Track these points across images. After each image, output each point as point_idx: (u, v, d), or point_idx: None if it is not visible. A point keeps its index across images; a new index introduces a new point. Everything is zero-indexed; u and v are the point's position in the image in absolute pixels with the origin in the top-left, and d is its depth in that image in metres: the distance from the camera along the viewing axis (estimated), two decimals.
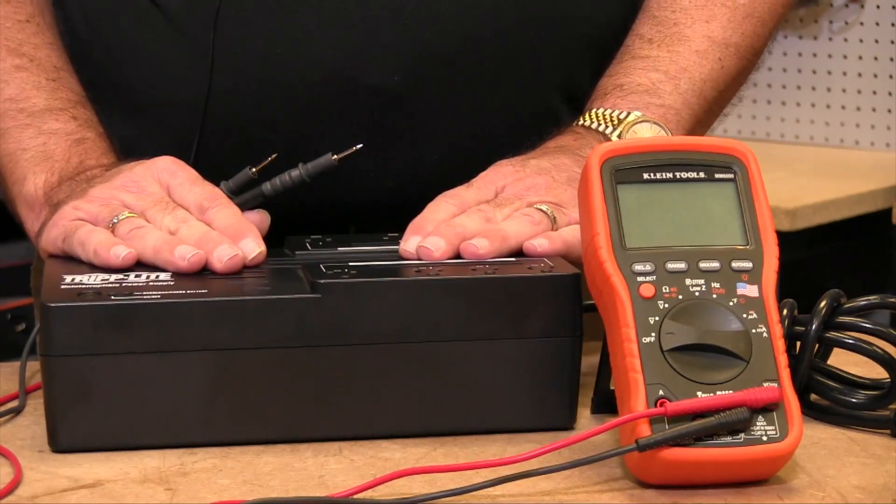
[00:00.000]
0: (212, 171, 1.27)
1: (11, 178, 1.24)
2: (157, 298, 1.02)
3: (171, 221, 1.09)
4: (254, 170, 1.20)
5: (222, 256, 1.06)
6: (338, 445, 1.04)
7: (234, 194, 1.15)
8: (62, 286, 1.05)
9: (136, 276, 1.09)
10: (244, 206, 1.13)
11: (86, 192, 1.18)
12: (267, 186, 1.19)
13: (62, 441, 1.02)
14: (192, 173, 1.15)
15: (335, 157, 1.24)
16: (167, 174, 1.11)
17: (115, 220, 1.10)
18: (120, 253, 1.13)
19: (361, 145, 1.25)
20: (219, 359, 1.03)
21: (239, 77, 1.36)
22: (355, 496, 0.92)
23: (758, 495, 0.95)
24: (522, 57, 1.39)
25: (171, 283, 1.07)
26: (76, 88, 1.31)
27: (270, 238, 1.24)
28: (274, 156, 1.23)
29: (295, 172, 1.22)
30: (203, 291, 1.04)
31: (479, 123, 1.33)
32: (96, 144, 1.24)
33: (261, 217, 1.15)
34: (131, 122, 1.23)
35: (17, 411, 1.12)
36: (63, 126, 1.25)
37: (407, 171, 1.25)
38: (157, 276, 1.08)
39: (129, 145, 1.19)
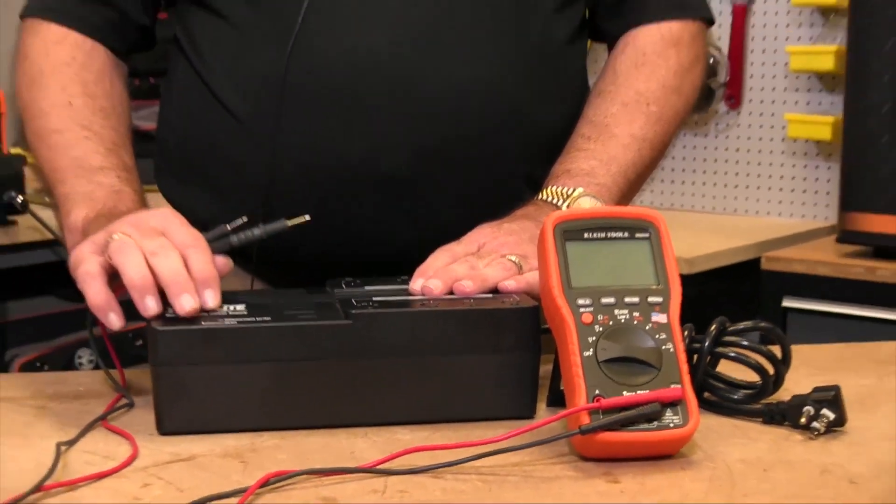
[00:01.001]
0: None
1: (63, 211, 1.26)
2: (234, 324, 1.03)
3: (152, 245, 1.07)
4: (228, 226, 1.20)
5: (184, 305, 1.04)
6: (364, 430, 1.08)
7: (209, 241, 1.14)
8: (166, 314, 1.06)
9: (227, 310, 1.09)
10: (215, 251, 1.12)
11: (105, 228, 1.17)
12: (234, 238, 1.18)
13: (166, 426, 1.06)
14: (184, 221, 1.13)
15: (288, 222, 1.25)
16: (165, 219, 1.10)
17: (109, 240, 1.09)
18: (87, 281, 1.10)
19: (308, 217, 1.25)
20: (278, 368, 1.07)
21: (294, 169, 1.39)
22: (378, 466, 0.94)
23: (666, 466, 0.99)
24: (498, 154, 1.44)
25: (245, 313, 1.09)
26: (126, 158, 1.35)
27: (316, 281, 1.26)
28: (244, 219, 1.22)
29: (257, 231, 1.23)
30: (267, 319, 1.06)
31: (465, 200, 1.38)
32: (130, 197, 1.26)
33: (225, 261, 1.14)
34: (209, 199, 1.23)
35: (129, 405, 1.13)
36: (108, 181, 1.27)
37: (413, 234, 1.26)
38: (235, 308, 1.09)
39: (205, 218, 1.18)
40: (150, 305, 1.06)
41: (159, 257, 1.07)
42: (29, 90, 1.41)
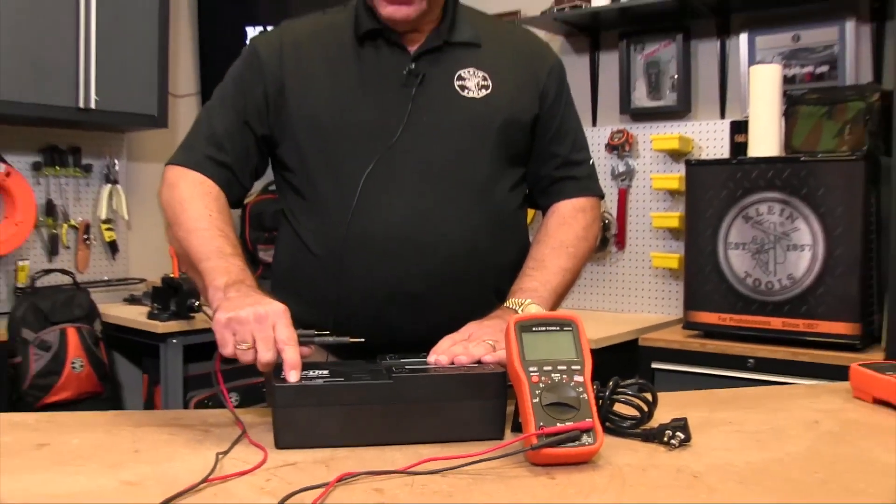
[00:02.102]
0: (340, 328, 1.26)
1: (208, 279, 1.21)
2: (320, 383, 1.05)
3: (258, 340, 1.09)
4: (314, 332, 1.18)
5: (290, 378, 1.06)
6: (398, 447, 1.05)
7: (300, 336, 1.13)
8: (281, 374, 1.07)
9: (315, 374, 1.08)
10: (302, 343, 1.12)
11: (234, 302, 1.15)
12: (316, 339, 1.18)
13: (280, 444, 1.05)
14: (289, 319, 1.12)
15: (350, 340, 1.22)
16: (277, 316, 1.09)
17: (243, 346, 1.09)
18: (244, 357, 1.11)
19: (363, 339, 1.23)
20: (347, 409, 1.06)
21: (352, 290, 1.38)
22: (408, 469, 0.94)
23: (583, 468, 0.97)
24: (476, 280, 1.43)
25: (327, 375, 1.09)
26: (242, 254, 1.30)
27: (370, 356, 1.24)
28: (328, 332, 1.22)
29: (330, 339, 1.21)
30: (341, 379, 1.07)
31: (458, 308, 1.34)
32: (249, 276, 1.20)
33: (309, 350, 1.15)
34: (299, 307, 1.22)
35: (243, 432, 1.08)
36: (237, 263, 1.23)
37: (427, 328, 1.24)
38: (320, 372, 1.09)
39: (297, 315, 1.17)
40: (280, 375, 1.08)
41: (266, 359, 1.09)
42: (180, 204, 1.35)
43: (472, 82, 1.43)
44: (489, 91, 1.43)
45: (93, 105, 3.24)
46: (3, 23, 3.01)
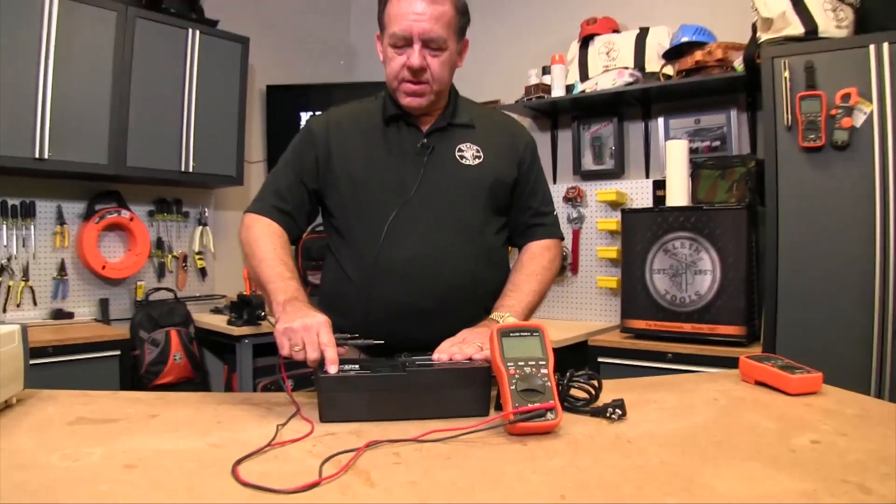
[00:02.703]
0: (367, 334, 1.25)
1: (272, 297, 1.19)
2: (353, 374, 1.04)
3: (307, 343, 1.07)
4: (347, 335, 1.16)
5: (330, 370, 1.04)
6: (411, 422, 1.02)
7: (338, 339, 1.11)
8: (324, 368, 1.06)
9: (349, 368, 1.06)
10: (339, 345, 1.10)
11: (290, 315, 1.13)
12: (350, 342, 1.16)
13: (323, 419, 1.04)
14: (329, 327, 1.11)
15: (374, 341, 1.21)
16: (320, 326, 1.07)
17: (295, 348, 1.07)
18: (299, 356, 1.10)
19: (383, 341, 1.22)
20: (374, 394, 1.04)
21: (379, 307, 1.36)
22: (419, 437, 0.94)
23: (547, 437, 0.97)
24: (472, 300, 1.40)
25: (358, 368, 1.07)
26: (298, 278, 1.29)
27: (391, 354, 1.21)
28: (357, 335, 1.21)
29: (360, 341, 1.20)
30: (368, 371, 1.06)
31: (456, 319, 1.30)
32: (302, 293, 1.18)
33: (345, 350, 1.12)
34: (337, 319, 1.19)
35: (298, 410, 1.06)
36: (293, 284, 1.20)
37: (434, 335, 1.21)
38: (353, 367, 1.07)
39: (336, 325, 1.16)
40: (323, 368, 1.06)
41: (313, 357, 1.08)
42: (255, 241, 1.34)
43: (469, 153, 1.43)
44: (481, 160, 1.43)
45: (191, 169, 3.26)
46: (133, 108, 3.06)
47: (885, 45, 2.15)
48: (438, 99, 1.42)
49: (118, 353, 2.80)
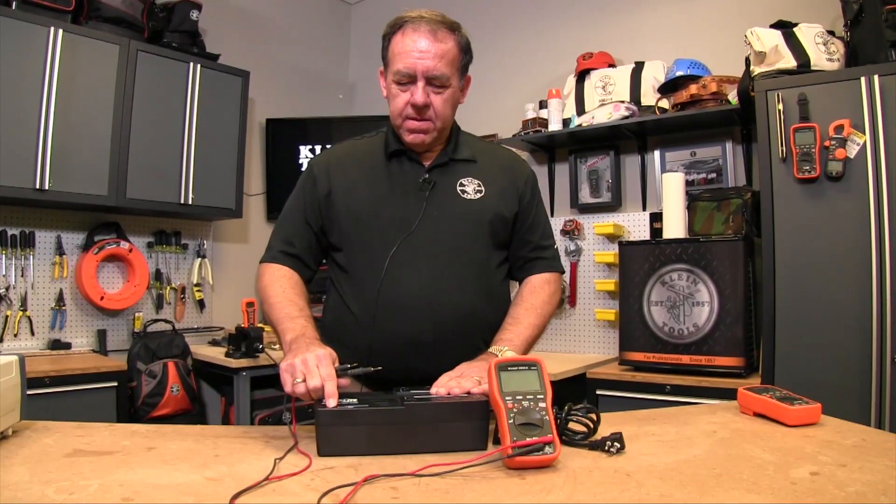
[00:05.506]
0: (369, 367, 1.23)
1: (281, 336, 1.22)
2: (351, 408, 1.03)
3: (308, 374, 1.06)
4: (348, 365, 1.14)
5: (328, 404, 1.03)
6: (409, 456, 1.02)
7: (338, 370, 1.11)
8: (323, 402, 1.04)
9: (347, 401, 1.06)
10: (339, 376, 1.09)
11: (294, 352, 1.13)
12: (350, 372, 1.14)
13: (321, 453, 1.03)
14: (329, 361, 1.10)
15: (372, 369, 1.19)
16: (321, 359, 1.08)
17: (296, 381, 1.07)
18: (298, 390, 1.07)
19: (381, 367, 1.21)
20: (371, 427, 1.03)
21: (381, 340, 1.36)
22: (416, 472, 0.93)
23: (546, 471, 0.96)
24: (471, 333, 1.40)
25: (356, 402, 1.06)
26: (308, 316, 1.30)
27: (389, 388, 1.21)
28: (357, 364, 1.18)
29: (360, 370, 1.16)
30: (366, 405, 1.05)
31: (456, 353, 1.29)
32: (311, 332, 1.19)
33: (346, 381, 1.11)
34: (340, 351, 1.19)
35: (296, 443, 1.06)
36: (301, 322, 1.21)
37: (433, 368, 1.21)
38: (351, 400, 1.07)
39: (341, 359, 1.17)
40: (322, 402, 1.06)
41: (314, 385, 1.06)
42: (268, 287, 1.37)
43: (470, 188, 1.43)
44: (482, 195, 1.43)
45: (190, 201, 3.28)
46: (134, 140, 3.09)
47: (876, 77, 2.20)
48: (440, 135, 1.43)
49: (115, 384, 2.78)
